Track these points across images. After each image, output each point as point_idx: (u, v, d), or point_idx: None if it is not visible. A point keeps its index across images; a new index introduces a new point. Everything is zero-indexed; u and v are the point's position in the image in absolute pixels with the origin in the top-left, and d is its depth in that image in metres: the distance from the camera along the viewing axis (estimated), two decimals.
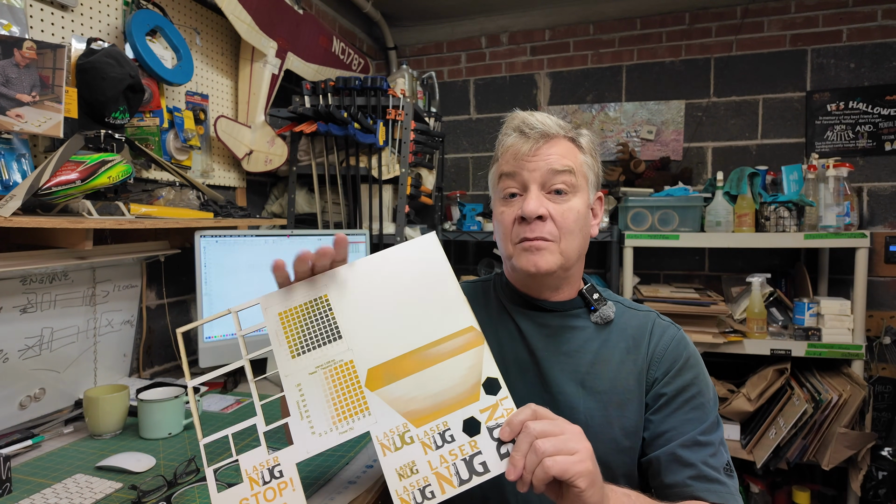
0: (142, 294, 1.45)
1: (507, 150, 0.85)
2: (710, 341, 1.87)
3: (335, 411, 0.64)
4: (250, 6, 1.67)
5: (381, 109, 1.86)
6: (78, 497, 0.87)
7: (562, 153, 0.82)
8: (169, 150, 1.48)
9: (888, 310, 2.10)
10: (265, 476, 0.62)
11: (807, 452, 1.81)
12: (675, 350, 0.83)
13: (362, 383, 0.65)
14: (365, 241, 1.70)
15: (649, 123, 2.42)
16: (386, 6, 2.48)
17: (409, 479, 0.58)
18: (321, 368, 0.67)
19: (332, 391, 0.65)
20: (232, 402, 1.36)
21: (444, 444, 0.60)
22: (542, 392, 0.82)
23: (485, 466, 0.58)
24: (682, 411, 0.79)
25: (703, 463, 0.75)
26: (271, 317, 0.69)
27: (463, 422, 0.61)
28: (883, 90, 2.13)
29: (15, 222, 0.95)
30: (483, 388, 0.62)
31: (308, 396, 0.66)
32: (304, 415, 0.65)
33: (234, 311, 0.70)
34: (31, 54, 1.01)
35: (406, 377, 0.65)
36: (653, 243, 1.99)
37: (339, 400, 0.65)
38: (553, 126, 0.83)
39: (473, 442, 0.59)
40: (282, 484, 0.62)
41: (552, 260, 0.80)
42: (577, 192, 0.83)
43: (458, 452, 0.59)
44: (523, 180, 0.82)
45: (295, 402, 0.66)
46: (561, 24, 2.53)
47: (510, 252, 0.84)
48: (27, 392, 1.15)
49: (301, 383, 0.67)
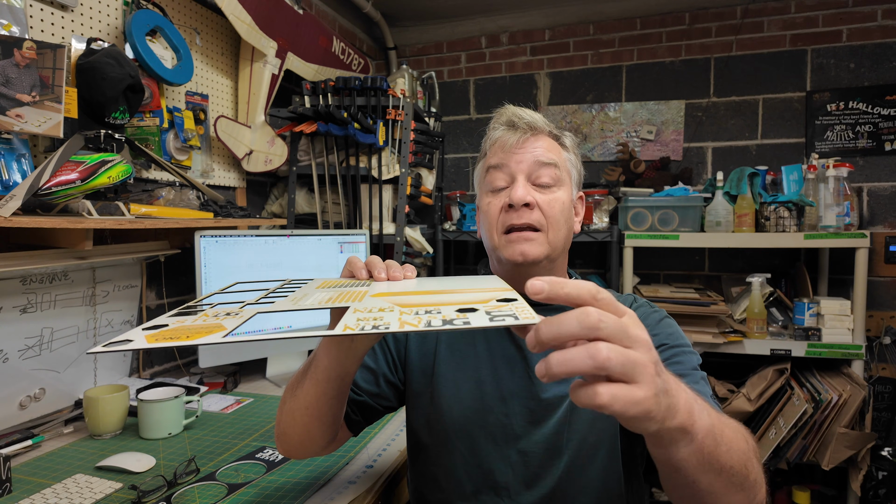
0: (142, 294, 1.45)
1: (494, 143, 0.88)
2: (710, 341, 1.87)
3: (326, 301, 0.57)
4: (250, 6, 1.67)
5: (381, 109, 1.86)
6: (78, 497, 0.87)
7: (547, 147, 0.86)
8: (169, 150, 1.48)
9: (888, 310, 2.10)
10: (220, 314, 0.53)
11: (807, 452, 1.81)
12: (645, 320, 0.83)
13: (369, 294, 0.58)
14: (365, 241, 1.70)
15: (649, 123, 2.42)
16: (386, 6, 2.48)
17: (367, 319, 0.45)
18: (334, 289, 0.62)
19: (335, 296, 0.59)
20: (232, 402, 1.36)
21: (425, 314, 0.47)
22: (531, 385, 0.82)
23: (466, 323, 0.43)
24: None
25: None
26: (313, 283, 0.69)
27: (458, 308, 0.48)
28: (883, 90, 2.13)
29: (15, 222, 0.95)
30: (496, 300, 0.51)
31: (307, 294, 0.61)
32: (294, 300, 0.59)
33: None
34: (31, 54, 1.01)
35: (418, 295, 0.56)
36: (653, 243, 1.99)
37: (336, 298, 0.57)
38: (539, 122, 0.87)
39: (463, 315, 0.45)
40: (232, 316, 0.52)
41: (540, 249, 0.82)
42: (561, 186, 0.86)
43: (438, 316, 0.45)
44: (511, 171, 0.84)
45: (291, 298, 0.60)
46: (561, 24, 2.53)
47: (496, 243, 0.85)
48: (27, 392, 1.15)
49: (307, 293, 0.61)
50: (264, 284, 0.71)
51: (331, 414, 0.77)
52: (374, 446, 1.12)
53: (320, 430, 0.78)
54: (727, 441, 0.54)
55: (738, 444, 0.56)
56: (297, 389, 0.76)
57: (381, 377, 0.89)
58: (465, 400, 0.84)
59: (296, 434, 0.79)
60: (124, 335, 0.46)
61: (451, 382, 0.86)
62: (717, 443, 0.52)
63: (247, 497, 0.89)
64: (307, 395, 0.75)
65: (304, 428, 0.77)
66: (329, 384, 0.73)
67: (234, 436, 1.15)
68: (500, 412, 0.82)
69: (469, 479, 0.83)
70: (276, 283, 0.73)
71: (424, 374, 0.88)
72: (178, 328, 0.47)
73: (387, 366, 0.90)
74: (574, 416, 0.80)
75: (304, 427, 0.77)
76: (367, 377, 0.88)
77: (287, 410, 0.78)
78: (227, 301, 0.60)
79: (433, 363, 0.87)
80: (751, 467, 0.57)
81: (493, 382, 0.84)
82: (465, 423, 0.83)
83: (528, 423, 0.81)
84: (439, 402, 0.85)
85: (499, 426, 0.82)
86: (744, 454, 0.56)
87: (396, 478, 1.03)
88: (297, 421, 0.77)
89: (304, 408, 0.76)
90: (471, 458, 0.83)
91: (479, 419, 0.83)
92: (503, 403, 0.82)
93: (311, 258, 1.59)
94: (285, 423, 0.79)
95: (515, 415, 0.82)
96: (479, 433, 0.82)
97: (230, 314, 0.52)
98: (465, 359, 0.86)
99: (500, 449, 0.82)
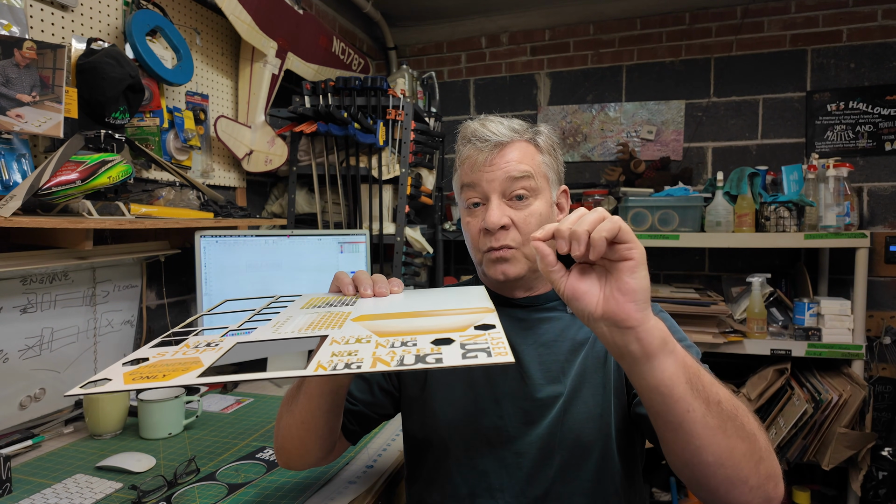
0: (142, 294, 1.45)
1: (464, 160, 0.86)
2: (711, 341, 1.87)
3: (307, 327, 0.58)
4: (250, 6, 1.67)
5: (381, 109, 1.86)
6: (78, 497, 0.87)
7: (518, 158, 0.82)
8: (169, 150, 1.48)
9: (888, 310, 2.10)
10: (200, 345, 0.54)
11: (807, 452, 1.81)
12: None
13: (350, 318, 0.59)
14: (365, 241, 1.70)
15: (649, 123, 2.42)
16: (386, 6, 2.48)
17: (341, 356, 0.46)
18: (317, 310, 0.64)
19: (316, 320, 0.60)
20: (232, 402, 1.36)
21: (401, 346, 0.48)
22: (524, 385, 0.82)
23: (438, 361, 0.44)
24: None
25: None
26: (300, 301, 0.71)
27: (434, 339, 0.49)
28: (883, 90, 2.13)
29: (15, 222, 0.95)
30: (474, 328, 0.52)
31: (290, 317, 0.62)
32: (276, 325, 0.60)
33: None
34: (32, 54, 1.01)
35: (398, 318, 0.58)
36: (653, 243, 1.99)
37: (317, 323, 0.59)
38: (506, 133, 0.83)
39: (437, 348, 0.47)
40: (211, 348, 0.53)
41: (520, 267, 0.82)
42: (538, 195, 0.83)
43: (412, 350, 0.46)
44: (483, 191, 0.82)
45: (273, 324, 0.61)
46: (561, 24, 2.53)
47: (479, 259, 0.86)
48: (27, 392, 1.15)
49: (291, 316, 0.63)
50: (252, 303, 0.72)
51: (326, 427, 0.77)
52: (374, 447, 1.12)
53: (317, 443, 0.79)
54: (710, 378, 0.59)
55: (724, 389, 0.59)
56: (291, 404, 0.77)
57: (376, 385, 0.89)
58: (458, 403, 0.84)
59: (293, 448, 0.79)
60: (103, 373, 0.47)
61: (445, 386, 0.86)
62: (700, 371, 0.57)
63: (247, 497, 0.89)
64: (302, 410, 0.75)
65: (301, 442, 0.78)
66: (323, 398, 0.73)
67: (234, 436, 1.15)
68: (494, 414, 0.82)
69: (464, 482, 0.82)
70: (265, 300, 0.73)
71: (417, 379, 0.88)
72: (157, 363, 0.49)
73: (381, 374, 0.89)
74: (567, 416, 0.80)
75: (300, 441, 0.78)
76: (362, 386, 0.89)
77: (284, 425, 0.79)
78: (212, 327, 0.60)
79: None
80: (744, 415, 0.59)
81: (487, 384, 0.84)
82: (460, 427, 0.83)
83: (522, 424, 0.81)
84: (433, 406, 0.85)
85: (493, 428, 0.82)
86: (732, 398, 0.59)
87: (396, 478, 1.03)
88: (294, 435, 0.78)
89: (299, 422, 0.76)
90: (466, 460, 0.83)
91: (473, 422, 0.83)
92: (497, 405, 0.82)
93: (311, 258, 1.59)
94: (283, 438, 0.79)
95: (509, 416, 0.82)
96: (473, 436, 0.82)
97: (210, 345, 0.53)
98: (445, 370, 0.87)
99: (494, 451, 0.81)
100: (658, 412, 0.58)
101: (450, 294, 0.71)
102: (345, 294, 0.72)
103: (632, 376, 0.58)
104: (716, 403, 0.56)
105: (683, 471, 0.61)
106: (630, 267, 0.54)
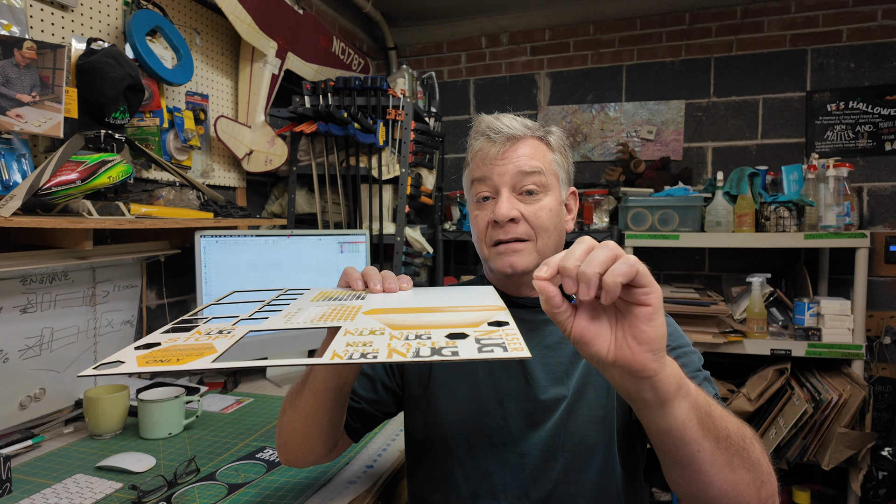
0: (142, 294, 1.45)
1: (475, 154, 0.86)
2: (711, 341, 1.87)
3: (319, 318, 0.57)
4: (250, 6, 1.67)
5: (381, 109, 1.86)
6: (78, 497, 0.87)
7: (530, 154, 0.83)
8: (169, 150, 1.48)
9: (888, 310, 2.10)
10: (213, 332, 0.53)
11: (807, 452, 1.81)
12: None
13: (361, 311, 0.58)
14: (365, 242, 1.70)
15: (649, 123, 2.42)
16: (386, 6, 2.48)
17: (356, 346, 0.46)
18: (328, 303, 0.64)
19: (328, 312, 0.59)
20: (232, 402, 1.36)
21: (415, 339, 0.47)
22: (528, 387, 0.82)
23: (455, 353, 0.43)
24: None
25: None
26: (309, 294, 0.70)
27: (448, 334, 0.49)
28: (883, 90, 2.13)
29: (15, 222, 0.95)
30: (488, 324, 0.51)
31: (301, 308, 0.61)
32: (287, 315, 0.59)
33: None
34: (31, 54, 1.01)
35: (410, 313, 0.57)
36: (653, 243, 1.99)
37: (329, 315, 0.57)
38: (519, 128, 0.84)
39: (452, 342, 0.46)
40: (224, 335, 0.52)
41: (529, 259, 0.81)
42: (548, 191, 0.83)
43: (427, 343, 0.46)
44: (494, 184, 0.83)
45: (284, 314, 0.60)
46: (561, 24, 2.53)
47: (486, 254, 0.85)
48: (27, 392, 1.15)
49: (302, 307, 0.62)
50: (261, 294, 0.71)
51: (330, 423, 0.77)
52: (374, 446, 1.12)
53: (320, 440, 0.78)
54: (719, 411, 0.57)
55: (732, 419, 0.58)
56: (296, 400, 0.77)
57: (379, 384, 0.89)
58: (462, 403, 0.84)
59: (296, 444, 0.79)
60: (116, 356, 0.46)
61: (448, 386, 0.86)
62: (710, 406, 0.56)
63: (247, 497, 0.89)
64: (306, 406, 0.75)
65: (305, 438, 0.78)
66: (328, 395, 0.73)
67: (234, 436, 1.15)
68: (497, 415, 0.82)
69: (466, 483, 0.82)
70: (273, 292, 0.73)
71: (421, 378, 0.88)
72: (169, 348, 0.48)
73: (384, 372, 0.89)
74: (571, 418, 0.80)
75: (304, 437, 0.78)
76: (366, 384, 0.88)
77: (287, 421, 0.78)
78: (221, 315, 0.60)
79: (430, 368, 0.87)
80: (750, 444, 0.58)
81: (490, 385, 0.83)
82: (463, 427, 0.83)
83: (525, 426, 0.81)
84: (436, 407, 0.85)
85: (496, 429, 0.82)
86: (740, 428, 0.58)
87: (396, 478, 1.03)
88: (298, 431, 0.77)
89: (303, 418, 0.76)
90: (468, 461, 0.82)
91: (476, 422, 0.83)
92: (500, 406, 0.82)
93: (311, 258, 1.59)
94: (286, 434, 0.79)
95: (513, 417, 0.82)
96: (476, 436, 0.82)
97: (222, 332, 0.52)
98: (461, 363, 0.86)
99: (497, 452, 0.81)
100: (667, 452, 0.57)
101: (459, 292, 0.71)
102: (354, 289, 0.72)
103: (642, 418, 0.56)
104: (725, 439, 0.55)
105: (687, 500, 0.61)
106: (647, 314, 0.49)
